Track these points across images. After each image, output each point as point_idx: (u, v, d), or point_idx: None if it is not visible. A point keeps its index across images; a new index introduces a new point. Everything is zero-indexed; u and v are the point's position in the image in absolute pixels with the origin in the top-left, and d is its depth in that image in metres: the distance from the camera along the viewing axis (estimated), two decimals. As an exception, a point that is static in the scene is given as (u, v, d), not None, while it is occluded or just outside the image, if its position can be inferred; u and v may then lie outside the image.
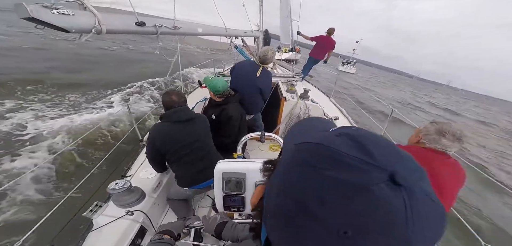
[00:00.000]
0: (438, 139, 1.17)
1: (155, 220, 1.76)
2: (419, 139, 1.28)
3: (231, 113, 2.10)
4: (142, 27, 1.14)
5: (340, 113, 3.68)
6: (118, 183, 1.54)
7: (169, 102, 1.69)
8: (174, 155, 1.69)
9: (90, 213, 1.47)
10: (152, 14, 1.31)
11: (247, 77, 2.33)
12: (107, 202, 1.59)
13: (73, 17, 0.80)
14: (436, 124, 1.23)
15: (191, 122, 1.74)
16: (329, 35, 5.14)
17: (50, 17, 0.72)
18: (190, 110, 1.81)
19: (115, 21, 1.02)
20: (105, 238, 1.38)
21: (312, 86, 4.70)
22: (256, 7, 3.77)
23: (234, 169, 0.69)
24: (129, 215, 1.56)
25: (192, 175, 1.75)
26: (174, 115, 1.67)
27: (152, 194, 1.81)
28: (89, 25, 0.87)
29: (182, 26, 1.47)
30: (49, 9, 0.72)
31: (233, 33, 2.60)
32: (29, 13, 0.67)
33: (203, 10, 2.00)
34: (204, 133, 1.85)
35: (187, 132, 1.71)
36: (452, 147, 1.16)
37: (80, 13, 0.85)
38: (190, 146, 1.71)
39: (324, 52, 5.32)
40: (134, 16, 1.09)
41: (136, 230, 1.54)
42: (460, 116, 23.95)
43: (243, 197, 0.72)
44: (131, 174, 1.90)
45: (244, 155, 2.07)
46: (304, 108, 2.98)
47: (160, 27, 1.25)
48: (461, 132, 1.16)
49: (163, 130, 1.66)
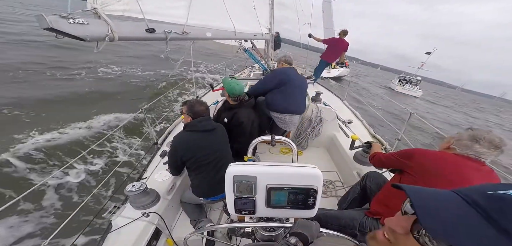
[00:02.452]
0: (471, 145, 1.10)
1: (169, 222, 1.79)
2: (450, 145, 1.21)
3: (242, 118, 2.09)
4: (152, 34, 1.19)
5: (354, 117, 3.57)
6: (134, 185, 1.60)
7: (199, 111, 1.72)
8: (195, 163, 1.71)
9: (109, 215, 1.54)
10: (161, 20, 1.36)
11: (293, 80, 2.36)
12: (125, 203, 1.65)
13: (87, 26, 0.85)
14: (471, 131, 1.16)
15: (214, 132, 1.76)
16: (342, 36, 5.02)
17: (67, 27, 0.78)
18: (212, 120, 1.84)
19: (127, 29, 1.07)
20: (124, 239, 1.42)
21: (324, 89, 4.61)
22: (267, 9, 3.75)
23: (245, 172, 0.69)
24: (145, 216, 1.60)
25: (208, 186, 1.75)
26: (200, 124, 1.69)
27: (166, 196, 1.85)
28: (103, 33, 0.92)
29: (191, 31, 1.51)
30: (66, 19, 0.78)
31: (242, 36, 2.62)
32: (48, 23, 0.73)
33: (212, 13, 2.03)
34: (224, 142, 1.86)
35: (209, 142, 1.72)
36: (487, 155, 1.08)
37: (94, 22, 0.91)
38: (210, 155, 1.72)
39: (336, 54, 5.16)
40: (144, 23, 1.15)
41: (151, 231, 1.57)
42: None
43: (254, 200, 0.72)
44: (146, 177, 1.95)
45: (254, 158, 2.05)
46: (316, 111, 2.93)
47: (170, 33, 1.30)
48: (500, 140, 1.08)
49: (187, 139, 1.69)
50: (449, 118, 21.34)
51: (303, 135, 2.97)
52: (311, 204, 0.72)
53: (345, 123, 3.20)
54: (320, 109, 2.93)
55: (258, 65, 4.23)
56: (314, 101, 3.06)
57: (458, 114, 27.39)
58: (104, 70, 10.68)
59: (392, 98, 4.95)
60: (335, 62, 5.57)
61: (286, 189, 0.69)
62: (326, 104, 3.12)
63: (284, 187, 0.69)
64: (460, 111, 31.33)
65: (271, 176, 0.69)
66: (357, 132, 2.88)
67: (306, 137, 2.97)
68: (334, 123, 3.03)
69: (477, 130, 1.14)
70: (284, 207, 0.73)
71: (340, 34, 5.00)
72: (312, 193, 0.70)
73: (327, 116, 2.96)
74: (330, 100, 3.75)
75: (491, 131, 1.12)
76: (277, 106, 2.38)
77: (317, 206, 0.73)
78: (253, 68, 6.41)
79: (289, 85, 2.32)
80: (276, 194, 0.70)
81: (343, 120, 3.23)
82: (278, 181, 0.69)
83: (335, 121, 3.03)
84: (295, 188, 0.69)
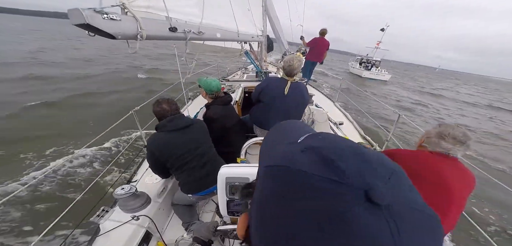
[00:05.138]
0: (438, 142, 1.10)
1: (160, 225, 1.73)
2: (421, 143, 1.22)
3: (213, 114, 2.06)
4: (174, 33, 1.11)
5: (345, 118, 3.62)
6: (124, 188, 1.53)
7: (161, 111, 1.64)
8: (175, 163, 1.65)
9: (97, 218, 1.46)
10: (177, 17, 1.28)
11: (274, 96, 2.09)
12: (114, 207, 1.56)
13: (119, 23, 0.76)
14: (439, 127, 1.16)
15: (189, 129, 1.70)
16: (322, 35, 5.24)
17: (102, 23, 0.68)
18: (185, 116, 1.76)
19: (152, 27, 0.97)
20: (112, 242, 1.36)
21: (316, 91, 4.66)
22: (259, 11, 3.74)
23: (237, 173, 0.67)
24: (135, 220, 1.55)
25: (195, 182, 1.72)
26: (170, 124, 1.62)
27: (157, 199, 1.79)
28: (133, 30, 0.83)
29: (205, 31, 1.45)
30: (101, 14, 0.69)
31: (243, 38, 2.58)
32: (85, 18, 0.63)
33: (220, 13, 1.97)
34: (203, 139, 1.81)
35: (186, 140, 1.67)
36: (454, 151, 1.08)
37: (125, 18, 0.81)
38: (190, 153, 1.67)
39: (320, 53, 5.40)
40: (167, 21, 1.07)
41: (141, 235, 1.52)
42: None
43: (247, 202, 0.71)
44: (136, 179, 1.86)
45: (247, 160, 2.04)
46: (308, 113, 2.89)
47: (189, 32, 1.23)
48: (464, 135, 1.07)
49: (160, 140, 1.61)
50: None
51: (297, 137, 2.95)
52: None
53: (337, 125, 3.24)
54: (312, 111, 2.93)
55: (254, 67, 4.17)
56: None
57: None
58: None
59: (366, 89, 4.69)
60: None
61: None
62: (318, 106, 3.17)
63: None
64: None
65: None
66: (347, 133, 2.98)
67: (300, 139, 2.97)
68: (326, 124, 3.05)
69: (444, 126, 1.13)
70: None
71: (320, 34, 5.24)
72: None
73: (319, 118, 2.96)
74: (321, 101, 3.82)
75: (457, 126, 1.11)
76: (255, 119, 2.31)
77: None
78: (246, 70, 6.30)
79: (269, 100, 2.11)
80: None
81: (335, 121, 3.26)
82: None
83: (326, 122, 3.06)
84: None
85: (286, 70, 2.03)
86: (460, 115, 14.15)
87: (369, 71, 27.19)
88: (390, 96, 16.88)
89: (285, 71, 2.04)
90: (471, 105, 19.10)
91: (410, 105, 14.43)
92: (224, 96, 2.19)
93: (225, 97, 2.18)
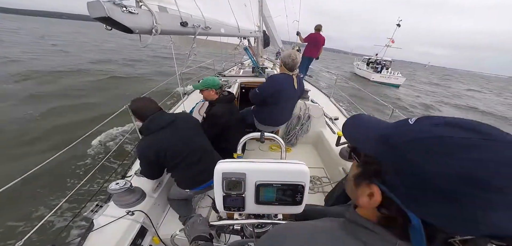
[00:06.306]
0: None
1: (155, 220, 1.72)
2: None
3: (217, 112, 2.05)
4: (185, 28, 1.07)
5: (340, 113, 3.64)
6: (118, 183, 1.48)
7: (143, 106, 1.58)
8: (171, 162, 1.61)
9: (91, 213, 1.40)
10: (183, 11, 1.23)
11: (288, 97, 2.22)
12: (108, 202, 1.53)
13: (137, 16, 0.72)
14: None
15: (175, 124, 1.64)
16: (318, 31, 5.30)
17: (121, 16, 0.64)
18: (166, 113, 1.69)
19: (166, 21, 0.92)
20: (106, 238, 1.34)
21: (311, 86, 4.67)
22: (255, 7, 3.68)
23: (234, 169, 0.68)
24: (129, 215, 1.52)
25: (191, 177, 1.70)
26: (152, 124, 1.55)
27: (152, 194, 1.76)
28: (149, 24, 0.79)
29: (212, 27, 1.41)
30: (120, 7, 0.64)
31: (243, 33, 2.55)
32: (106, 12, 0.59)
33: (220, 8, 1.93)
34: (194, 133, 1.76)
35: (177, 136, 1.62)
36: None
37: (142, 11, 0.77)
38: (184, 150, 1.64)
39: (317, 48, 5.47)
40: (178, 16, 1.02)
41: (136, 230, 1.50)
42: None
43: (243, 197, 0.71)
44: (131, 174, 1.81)
45: (243, 155, 2.04)
46: (304, 108, 2.95)
47: (198, 27, 1.19)
48: None
49: (152, 143, 1.55)
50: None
51: (292, 132, 2.98)
52: (299, 200, 0.73)
53: (332, 120, 3.22)
54: (308, 106, 2.96)
55: (252, 62, 4.11)
56: (302, 99, 3.02)
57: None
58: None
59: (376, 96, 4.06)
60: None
61: (274, 186, 0.69)
62: (314, 101, 3.16)
63: (272, 184, 0.69)
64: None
65: (260, 173, 0.69)
66: None
67: (296, 134, 2.99)
68: (322, 120, 3.08)
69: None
70: (272, 203, 0.73)
71: (315, 30, 5.31)
72: (300, 189, 0.70)
73: (315, 113, 2.99)
74: (317, 97, 3.82)
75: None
76: (263, 120, 2.35)
77: (304, 202, 0.74)
78: (243, 66, 6.16)
79: (280, 100, 2.19)
80: (265, 190, 0.70)
81: (330, 116, 3.28)
82: (267, 177, 0.69)
83: (322, 118, 3.09)
84: (283, 184, 0.69)
85: (289, 64, 2.06)
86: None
87: (380, 74, 22.31)
88: (416, 107, 13.51)
89: (288, 66, 2.07)
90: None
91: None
92: (228, 94, 2.17)
93: (229, 95, 2.17)
